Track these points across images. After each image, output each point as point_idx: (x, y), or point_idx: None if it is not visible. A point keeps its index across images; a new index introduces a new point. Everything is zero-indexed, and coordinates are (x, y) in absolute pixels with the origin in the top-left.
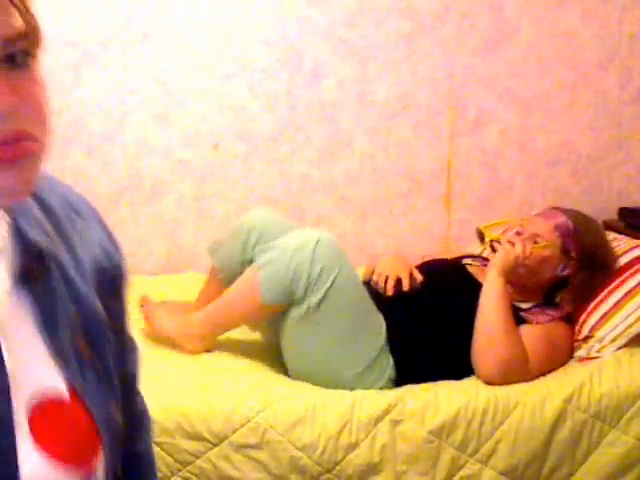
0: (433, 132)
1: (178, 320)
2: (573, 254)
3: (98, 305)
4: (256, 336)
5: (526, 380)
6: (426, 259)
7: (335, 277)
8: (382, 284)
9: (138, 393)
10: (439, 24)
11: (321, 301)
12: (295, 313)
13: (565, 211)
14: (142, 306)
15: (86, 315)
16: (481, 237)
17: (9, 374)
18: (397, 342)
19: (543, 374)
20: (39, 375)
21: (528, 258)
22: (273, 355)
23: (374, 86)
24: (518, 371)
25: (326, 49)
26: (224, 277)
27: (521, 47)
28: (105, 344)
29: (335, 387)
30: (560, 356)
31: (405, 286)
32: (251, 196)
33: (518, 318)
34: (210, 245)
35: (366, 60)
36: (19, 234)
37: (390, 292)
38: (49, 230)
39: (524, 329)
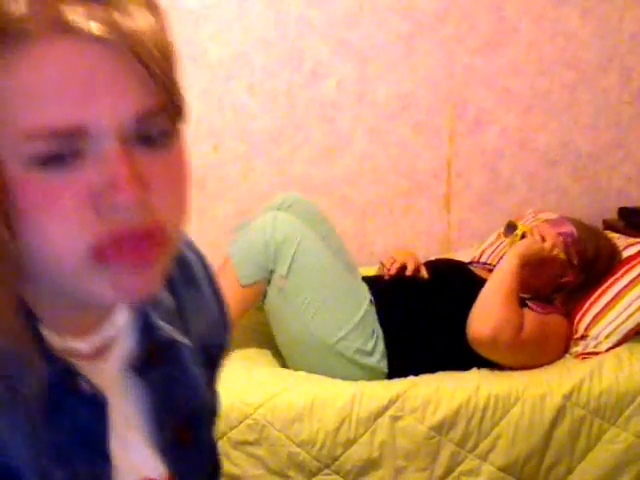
0: (433, 132)
1: None
2: (575, 262)
3: (206, 390)
4: (253, 332)
5: (512, 353)
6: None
7: (298, 245)
8: (388, 265)
9: (215, 445)
10: (439, 24)
11: (289, 269)
12: (272, 289)
13: (573, 221)
14: None
15: (194, 401)
16: (512, 228)
17: (113, 462)
18: (390, 319)
19: (531, 360)
20: (141, 464)
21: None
22: (271, 350)
23: (374, 86)
24: (508, 336)
25: (326, 49)
26: None
27: (521, 47)
28: (207, 430)
29: (326, 358)
30: (551, 345)
31: (409, 271)
32: (251, 196)
33: (520, 302)
34: (236, 227)
35: (366, 60)
36: (143, 315)
37: (393, 271)
38: (170, 309)
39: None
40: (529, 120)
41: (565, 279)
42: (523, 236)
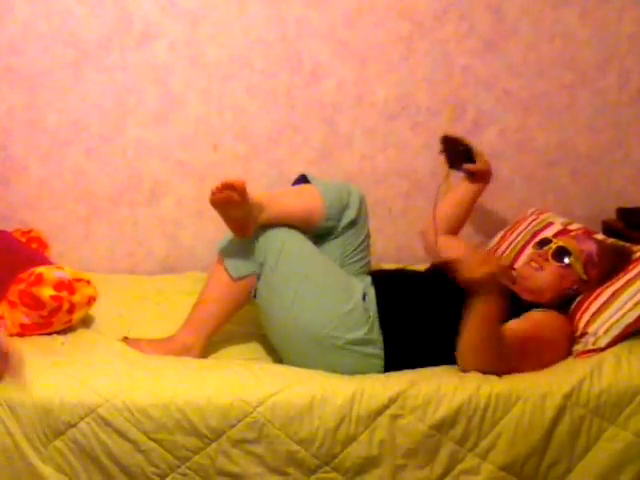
0: (432, 133)
1: (159, 344)
2: (589, 279)
3: None
4: (251, 331)
5: (506, 366)
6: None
7: (284, 239)
8: None
9: None
10: (438, 25)
11: (277, 261)
12: (262, 283)
13: (596, 239)
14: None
15: None
16: (545, 242)
17: None
18: (389, 310)
19: (535, 364)
20: None
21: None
22: (270, 347)
23: (373, 87)
24: (494, 366)
25: (325, 50)
26: None
27: (520, 48)
28: None
29: (317, 350)
30: (554, 344)
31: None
32: None
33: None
34: None
35: (365, 61)
36: None
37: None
38: None
39: (530, 314)
40: (528, 121)
41: (577, 290)
42: (558, 250)
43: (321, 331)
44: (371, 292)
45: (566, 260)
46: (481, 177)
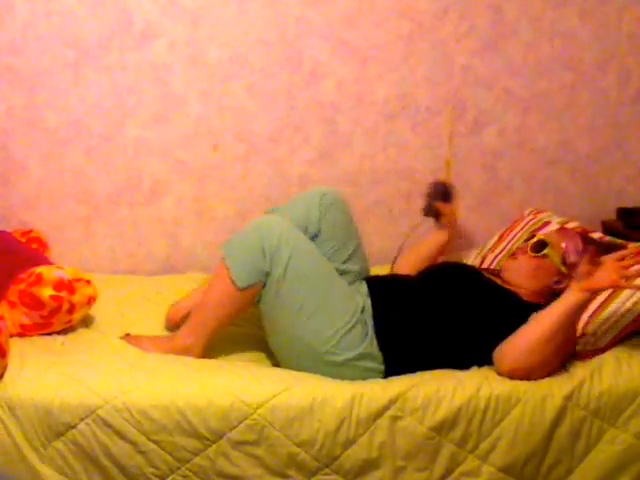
0: (432, 132)
1: (160, 341)
2: (571, 272)
3: None
4: (252, 332)
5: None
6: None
7: (292, 248)
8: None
9: None
10: (438, 24)
11: (285, 271)
12: (268, 292)
13: (586, 236)
14: (124, 338)
15: None
16: (541, 245)
17: None
18: (387, 319)
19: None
20: None
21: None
22: (270, 350)
23: (373, 86)
24: (540, 375)
25: (325, 49)
26: None
27: (520, 47)
28: None
29: (317, 364)
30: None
31: None
32: (250, 197)
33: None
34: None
35: (365, 60)
36: None
37: None
38: None
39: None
40: (528, 121)
41: (561, 286)
42: (537, 242)
43: (322, 348)
44: (367, 304)
45: (544, 251)
46: (449, 227)
